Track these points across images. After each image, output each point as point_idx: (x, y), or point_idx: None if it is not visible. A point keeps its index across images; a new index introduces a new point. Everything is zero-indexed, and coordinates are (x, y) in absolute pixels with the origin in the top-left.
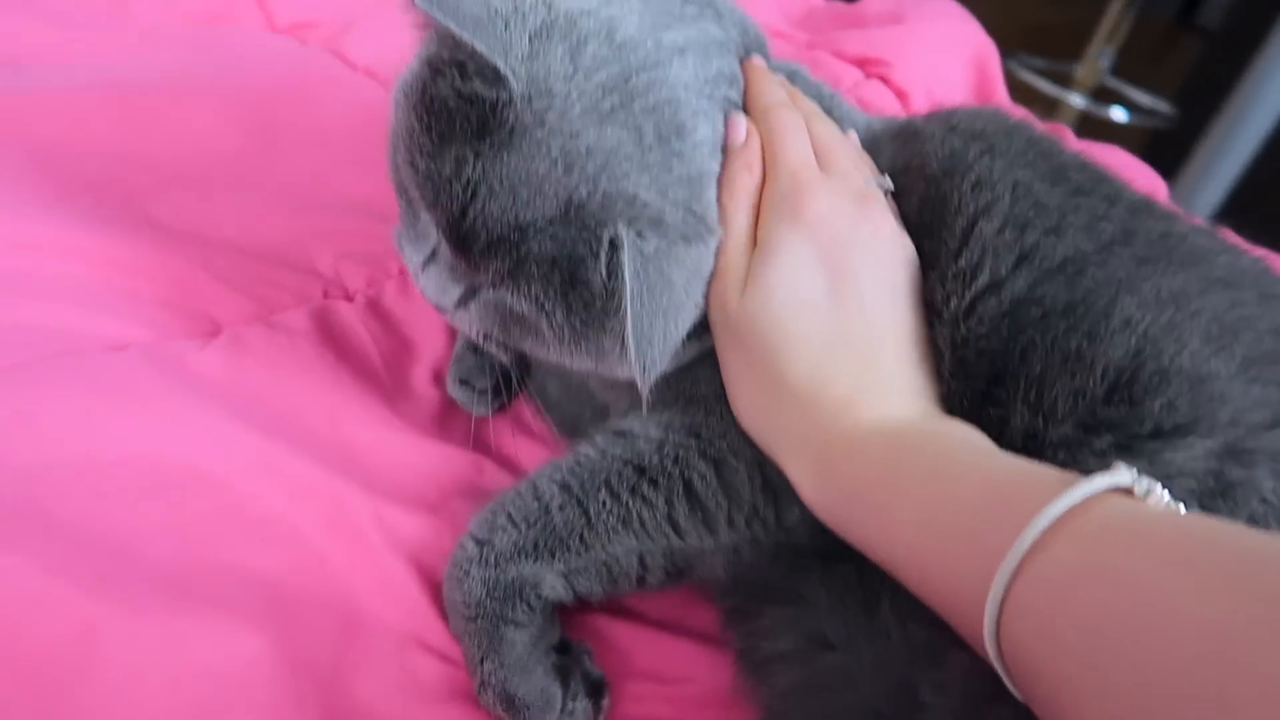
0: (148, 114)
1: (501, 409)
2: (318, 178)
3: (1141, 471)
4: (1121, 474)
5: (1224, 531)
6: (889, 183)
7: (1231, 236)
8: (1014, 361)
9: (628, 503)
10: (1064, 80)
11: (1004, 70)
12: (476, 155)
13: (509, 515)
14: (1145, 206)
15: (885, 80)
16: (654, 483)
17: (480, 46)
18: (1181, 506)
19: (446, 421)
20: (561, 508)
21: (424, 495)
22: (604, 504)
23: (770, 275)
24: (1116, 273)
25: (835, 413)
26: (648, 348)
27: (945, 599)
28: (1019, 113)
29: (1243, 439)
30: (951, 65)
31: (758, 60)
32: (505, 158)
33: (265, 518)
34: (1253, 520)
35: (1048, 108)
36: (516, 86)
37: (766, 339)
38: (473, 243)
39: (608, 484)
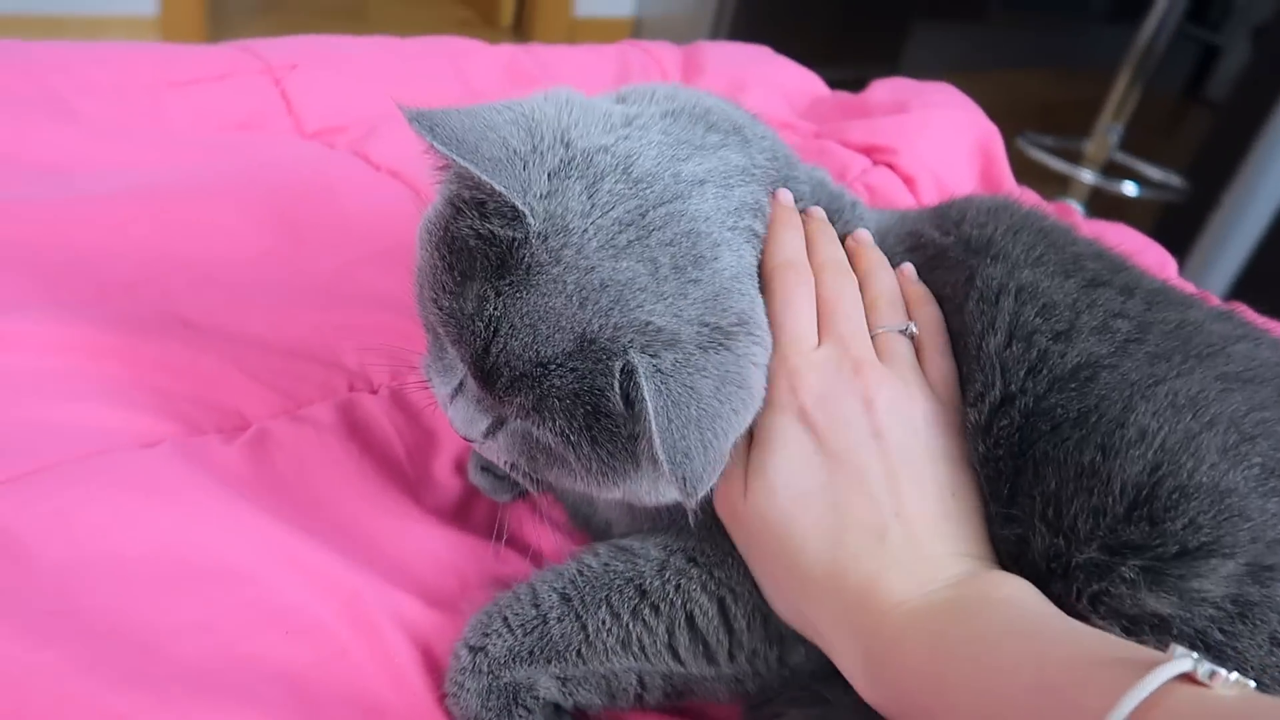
0: (182, 217)
1: (523, 495)
2: (342, 274)
3: (1199, 654)
4: (1182, 661)
5: None
6: (914, 327)
7: (1247, 313)
8: (1029, 477)
9: (628, 624)
10: (1074, 157)
11: (1014, 149)
12: (497, 293)
13: (505, 620)
14: (1163, 293)
15: (892, 167)
16: (655, 609)
17: (499, 186)
18: (1250, 684)
19: (469, 511)
20: (560, 619)
21: (445, 586)
22: (604, 622)
23: (769, 471)
24: (1130, 375)
25: (863, 597)
26: (685, 462)
27: None
28: (1030, 197)
29: (1263, 555)
30: (956, 150)
31: (784, 197)
32: (524, 295)
33: (289, 609)
34: (1274, 638)
35: (1059, 185)
36: (534, 225)
37: (777, 534)
38: (496, 378)
39: (608, 601)
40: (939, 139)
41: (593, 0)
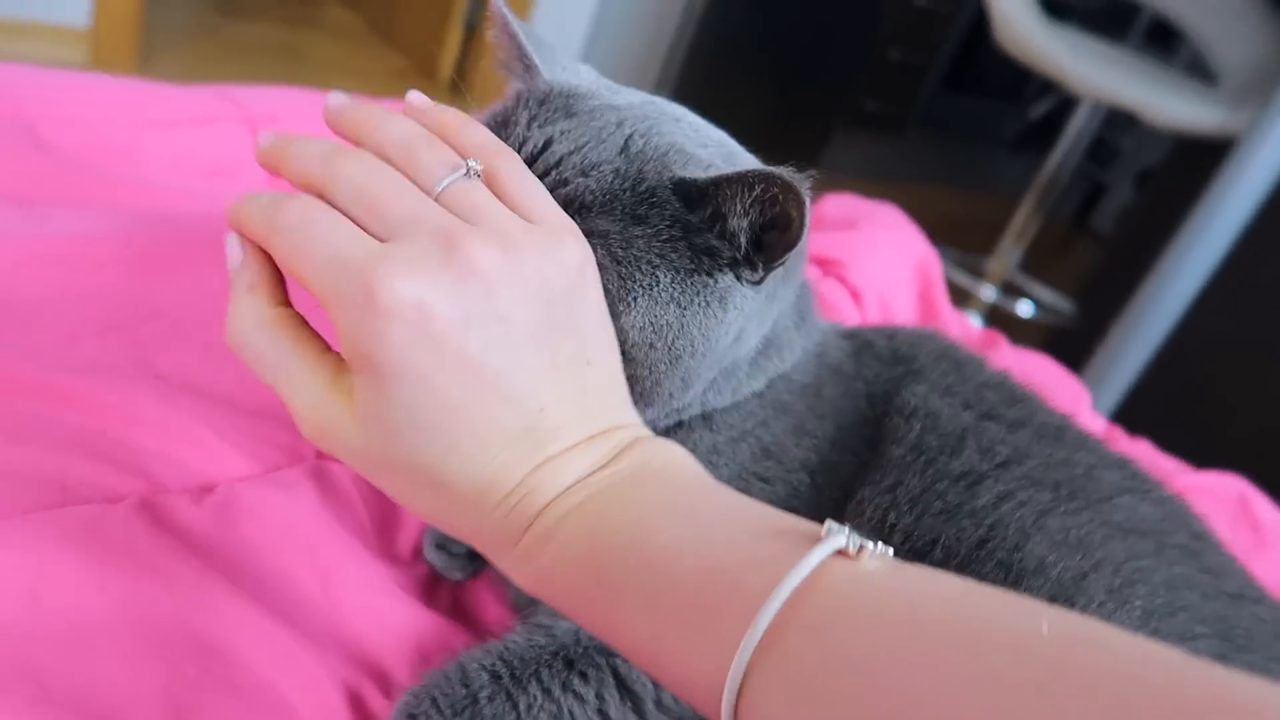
0: (156, 264)
1: (477, 573)
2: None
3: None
4: (837, 537)
5: (931, 580)
6: (475, 164)
7: (1146, 451)
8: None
9: (559, 699)
10: (977, 272)
11: None
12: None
13: (434, 701)
14: (1054, 432)
15: (841, 280)
16: (584, 676)
17: (528, 46)
18: (889, 553)
19: (433, 589)
20: (491, 698)
21: (407, 666)
22: (535, 698)
23: (383, 404)
24: (1013, 490)
25: (518, 504)
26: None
27: (684, 688)
28: (961, 329)
29: None
30: (899, 271)
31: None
32: (566, 123)
33: (254, 686)
34: None
35: (961, 298)
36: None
37: (411, 474)
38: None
39: (538, 677)
40: (884, 258)
41: None
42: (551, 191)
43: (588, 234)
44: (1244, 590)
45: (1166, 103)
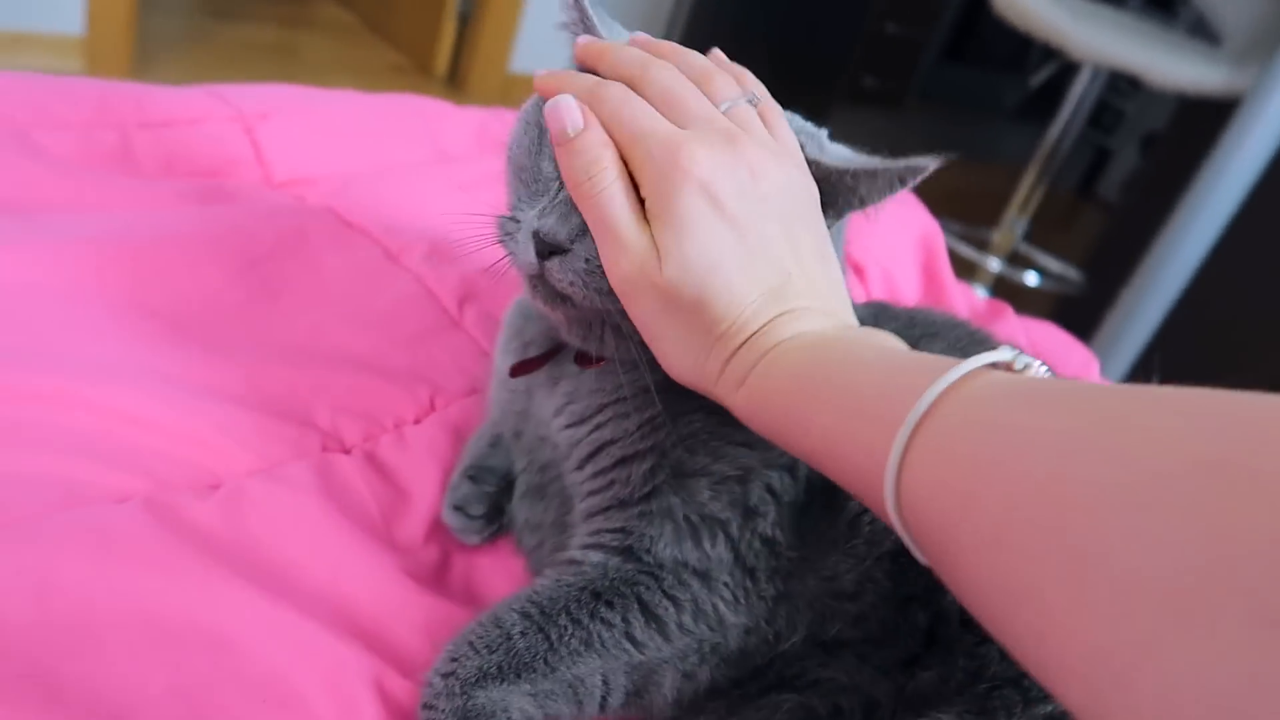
0: (156, 267)
1: (494, 537)
2: (316, 333)
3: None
4: (1004, 352)
5: (1085, 386)
6: (756, 96)
7: None
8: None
9: (588, 625)
10: (981, 245)
11: None
12: None
13: (470, 644)
14: None
15: (844, 255)
16: (610, 604)
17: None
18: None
19: (443, 575)
20: (524, 634)
21: (421, 652)
22: (565, 628)
23: (684, 244)
24: None
25: (759, 342)
26: None
27: (856, 476)
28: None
29: None
30: (902, 244)
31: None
32: None
33: (268, 679)
34: None
35: (967, 271)
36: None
37: (696, 299)
38: None
39: (567, 610)
40: (887, 232)
41: (529, 57)
42: None
43: None
44: None
45: (1169, 64)
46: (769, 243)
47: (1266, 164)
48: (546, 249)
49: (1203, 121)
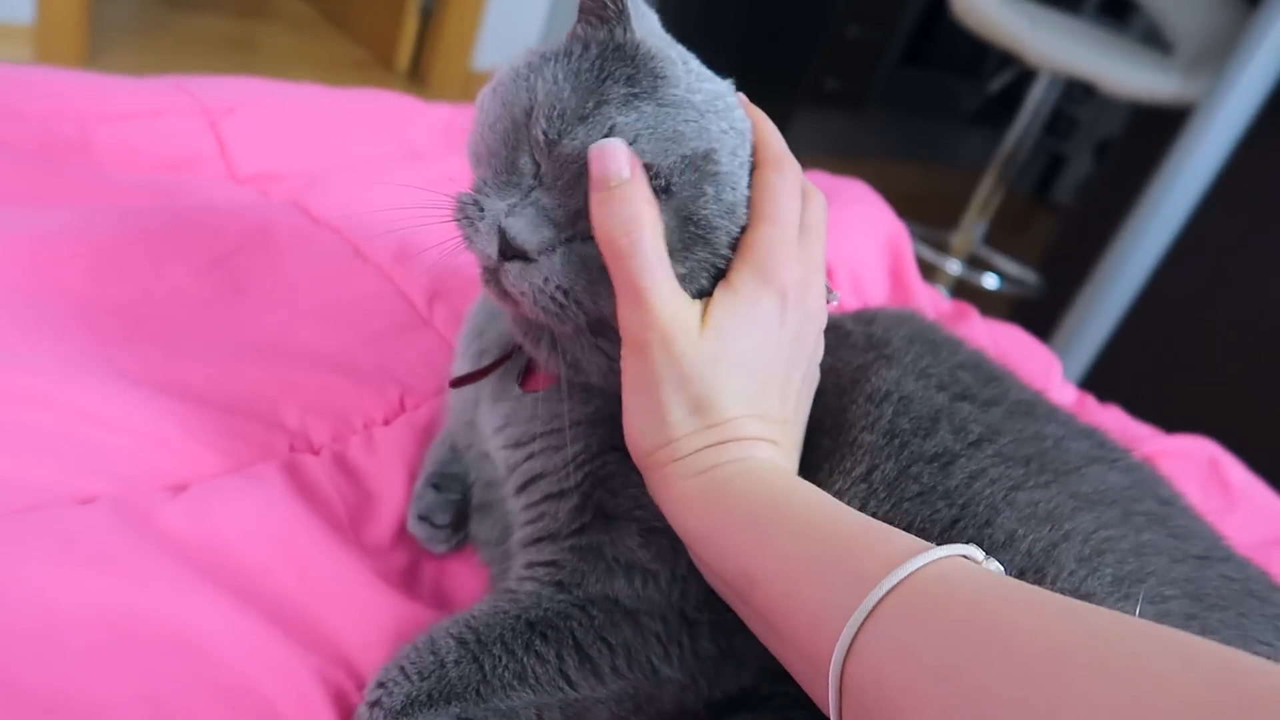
0: (118, 262)
1: (459, 546)
2: (283, 331)
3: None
4: (972, 550)
5: (1061, 599)
6: (836, 297)
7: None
8: None
9: (522, 658)
10: (941, 247)
11: None
12: (623, 109)
13: (402, 669)
14: (1026, 408)
15: None
16: (544, 637)
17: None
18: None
19: (413, 578)
20: (458, 662)
21: (388, 653)
22: (499, 659)
23: (738, 322)
24: (985, 469)
25: (741, 448)
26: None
27: (803, 616)
28: (932, 302)
29: None
30: (869, 247)
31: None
32: (647, 109)
33: (236, 687)
34: None
35: (927, 273)
36: (636, 33)
37: (717, 376)
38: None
39: (502, 639)
40: (854, 235)
41: (493, 53)
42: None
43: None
44: (1210, 551)
45: (1123, 72)
46: (787, 378)
47: (1218, 171)
48: (511, 251)
49: (1155, 129)
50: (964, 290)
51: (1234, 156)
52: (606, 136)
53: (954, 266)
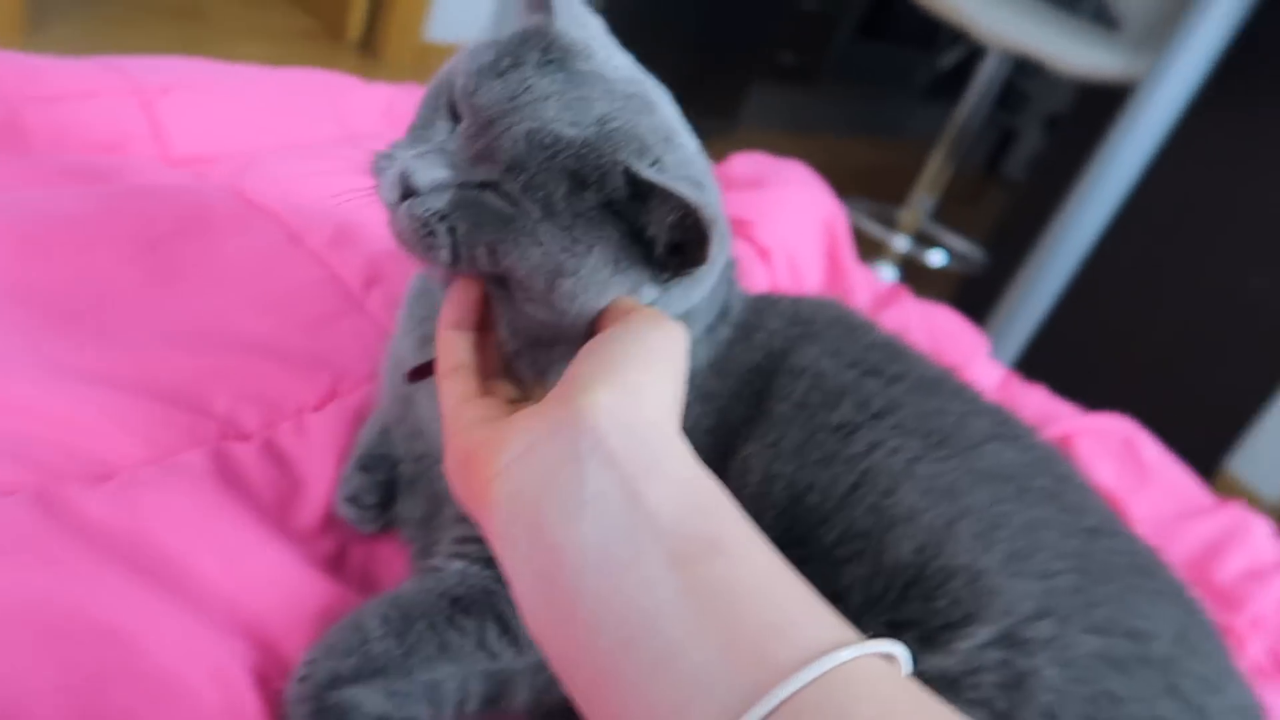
0: (43, 247)
1: (388, 526)
2: (216, 317)
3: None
4: (893, 645)
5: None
6: None
7: (1040, 396)
8: (807, 523)
9: (444, 632)
10: (889, 222)
11: None
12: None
13: (328, 647)
14: (930, 384)
15: (749, 239)
16: (466, 611)
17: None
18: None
19: (340, 563)
20: (381, 638)
21: (315, 638)
22: (421, 634)
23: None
24: (887, 442)
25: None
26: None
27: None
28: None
29: (1016, 628)
30: (806, 227)
31: None
32: (557, 78)
33: (158, 675)
34: (1048, 710)
35: (874, 249)
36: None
37: None
38: (507, 145)
39: (426, 615)
40: (792, 216)
41: (445, 25)
42: (524, 129)
43: (541, 175)
44: (1101, 526)
45: (1070, 50)
46: None
47: (1158, 147)
48: (408, 193)
49: (1102, 104)
50: (911, 267)
51: (1174, 135)
52: (522, 92)
53: (902, 243)
